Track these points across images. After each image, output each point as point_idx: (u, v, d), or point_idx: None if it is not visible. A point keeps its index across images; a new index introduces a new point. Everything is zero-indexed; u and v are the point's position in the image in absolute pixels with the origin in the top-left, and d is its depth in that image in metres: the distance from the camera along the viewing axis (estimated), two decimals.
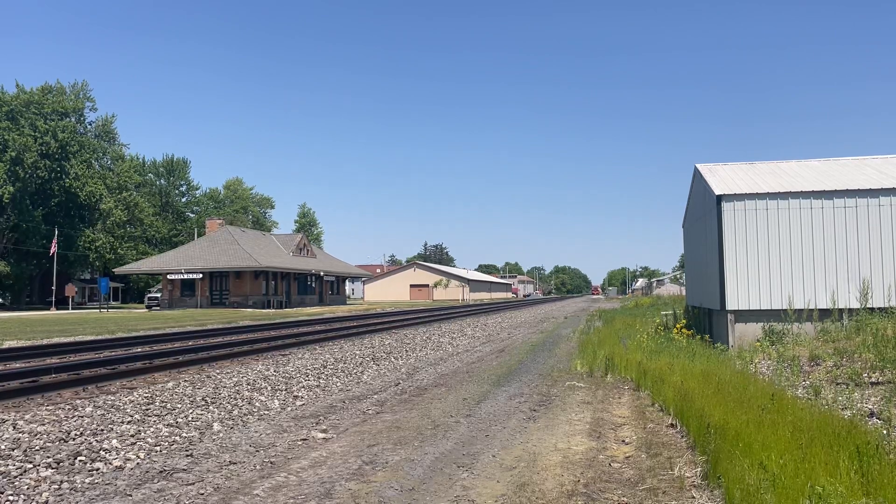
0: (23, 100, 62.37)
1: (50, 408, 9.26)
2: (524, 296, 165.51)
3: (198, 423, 8.48)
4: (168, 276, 59.37)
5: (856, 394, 9.10)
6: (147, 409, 9.16)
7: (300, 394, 10.85)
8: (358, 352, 17.27)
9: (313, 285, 72.28)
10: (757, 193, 15.92)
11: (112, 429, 7.93)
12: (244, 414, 9.16)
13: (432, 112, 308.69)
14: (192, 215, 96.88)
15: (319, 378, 12.61)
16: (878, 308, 14.69)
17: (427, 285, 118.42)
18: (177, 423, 8.40)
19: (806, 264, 15.51)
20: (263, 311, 52.00)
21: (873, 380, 10.00)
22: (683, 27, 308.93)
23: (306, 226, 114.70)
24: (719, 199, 16.03)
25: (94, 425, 8.06)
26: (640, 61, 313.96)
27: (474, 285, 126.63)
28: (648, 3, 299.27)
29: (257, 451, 7.10)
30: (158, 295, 62.82)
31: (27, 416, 8.55)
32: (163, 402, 9.77)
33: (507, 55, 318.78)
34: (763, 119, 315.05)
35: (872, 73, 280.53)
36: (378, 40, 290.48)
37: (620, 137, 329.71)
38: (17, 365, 14.23)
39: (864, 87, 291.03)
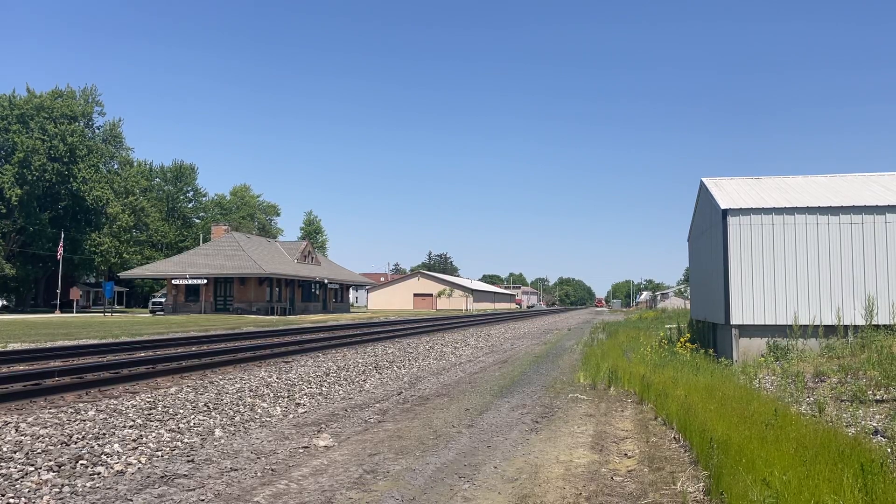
0: (33, 104, 62.82)
1: (52, 411, 9.28)
2: (528, 307, 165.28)
3: (200, 428, 8.48)
4: (173, 281, 59.45)
5: (860, 411, 9.04)
6: (149, 414, 9.17)
7: (302, 401, 10.84)
8: (361, 360, 17.26)
9: (317, 293, 72.31)
10: (763, 208, 15.90)
11: (114, 433, 7.93)
12: (246, 420, 9.16)
13: (439, 120, 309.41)
14: (198, 221, 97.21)
15: (322, 386, 12.61)
16: (884, 325, 14.62)
17: (431, 294, 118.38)
18: (179, 428, 8.40)
19: (811, 280, 15.46)
20: (267, 317, 52.01)
21: (878, 397, 9.94)
22: (691, 40, 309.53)
23: (311, 233, 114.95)
24: (725, 213, 16.00)
25: (97, 429, 8.07)
26: (647, 73, 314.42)
27: (478, 295, 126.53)
28: (655, 16, 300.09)
29: (258, 457, 7.10)
30: (163, 300, 62.94)
31: (30, 419, 8.56)
32: (165, 407, 9.78)
33: (514, 65, 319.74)
34: (770, 134, 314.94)
35: (880, 90, 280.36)
36: (384, 49, 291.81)
37: (627, 149, 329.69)
38: (20, 367, 14.27)
39: (872, 102, 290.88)
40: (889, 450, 6.80)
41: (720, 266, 16.39)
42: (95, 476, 6.29)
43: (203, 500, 5.63)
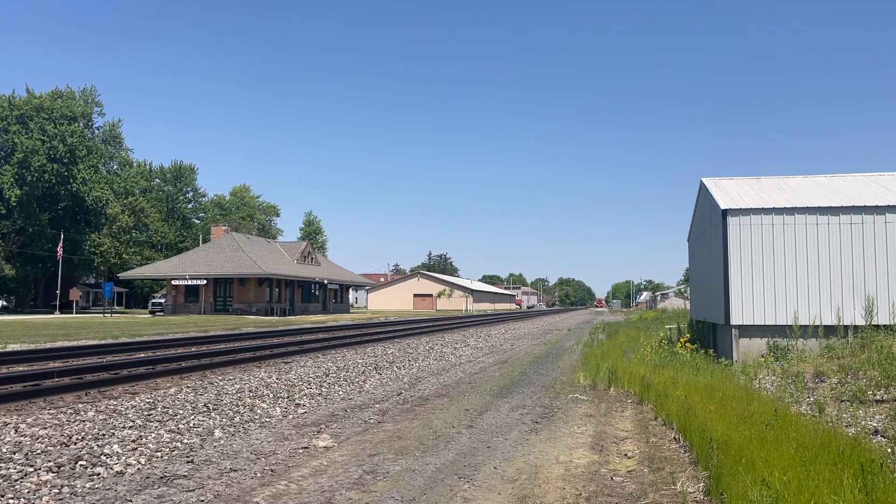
0: (33, 104, 62.79)
1: (52, 412, 9.28)
2: (528, 307, 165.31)
3: (199, 429, 8.47)
4: (172, 282, 59.45)
5: (860, 411, 9.04)
6: (149, 415, 9.16)
7: (302, 402, 10.84)
8: (360, 360, 17.25)
9: (317, 293, 72.30)
10: (763, 208, 15.89)
11: (114, 434, 7.93)
12: (246, 421, 9.15)
13: (439, 120, 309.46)
14: (197, 221, 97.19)
15: (321, 386, 12.60)
16: (884, 325, 14.62)
17: (431, 295, 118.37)
18: (178, 429, 8.40)
19: (811, 280, 15.46)
20: (267, 318, 52.00)
21: (878, 397, 9.94)
22: (691, 40, 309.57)
23: (311, 233, 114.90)
24: (725, 213, 16.00)
25: (96, 430, 8.07)
26: (647, 73, 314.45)
27: (478, 296, 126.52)
28: (655, 16, 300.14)
29: (258, 458, 7.09)
30: (162, 300, 62.90)
31: (29, 420, 8.56)
32: (165, 407, 9.77)
33: (514, 65, 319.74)
34: (770, 134, 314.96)
35: (880, 90, 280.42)
36: (384, 49, 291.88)
37: (627, 149, 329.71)
38: (20, 368, 14.26)
39: (872, 102, 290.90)
40: (889, 450, 6.80)
41: (720, 266, 16.39)
42: (95, 477, 6.28)
43: (203, 501, 5.62)
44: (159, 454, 7.19)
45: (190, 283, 58.71)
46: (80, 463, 6.63)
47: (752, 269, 15.73)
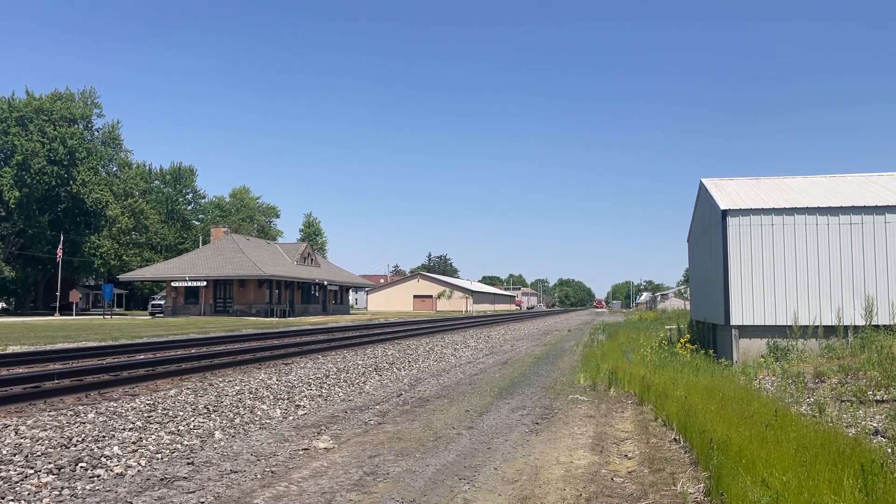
0: (33, 106, 62.81)
1: (52, 413, 9.27)
2: (528, 308, 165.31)
3: (199, 431, 8.47)
4: (172, 284, 59.45)
5: (860, 411, 9.04)
6: (149, 417, 9.16)
7: (302, 403, 10.84)
8: (360, 362, 17.25)
9: (317, 294, 72.31)
10: (762, 209, 15.90)
11: (114, 435, 7.93)
12: (246, 422, 9.15)
13: (438, 121, 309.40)
14: (197, 223, 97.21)
15: (321, 388, 12.60)
16: (884, 325, 14.62)
17: (431, 296, 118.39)
18: (178, 430, 8.40)
19: (811, 280, 15.46)
20: (267, 319, 52.00)
21: (878, 397, 9.94)
22: (691, 40, 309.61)
23: (311, 235, 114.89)
24: (724, 213, 16.01)
25: (96, 432, 8.07)
26: (647, 73, 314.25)
27: (478, 297, 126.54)
28: (655, 16, 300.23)
29: (258, 460, 7.09)
30: (162, 302, 62.94)
31: (29, 422, 8.56)
32: (165, 409, 9.77)
33: (514, 65, 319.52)
34: (770, 134, 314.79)
35: (880, 90, 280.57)
36: (384, 50, 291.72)
37: (626, 149, 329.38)
38: (20, 370, 14.25)
39: (872, 102, 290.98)
40: (889, 450, 6.80)
41: (720, 267, 16.39)
42: (95, 479, 6.29)
43: (203, 503, 5.62)
44: (159, 456, 7.19)
45: (190, 284, 58.73)
46: (80, 465, 6.63)
47: (751, 270, 15.73)
